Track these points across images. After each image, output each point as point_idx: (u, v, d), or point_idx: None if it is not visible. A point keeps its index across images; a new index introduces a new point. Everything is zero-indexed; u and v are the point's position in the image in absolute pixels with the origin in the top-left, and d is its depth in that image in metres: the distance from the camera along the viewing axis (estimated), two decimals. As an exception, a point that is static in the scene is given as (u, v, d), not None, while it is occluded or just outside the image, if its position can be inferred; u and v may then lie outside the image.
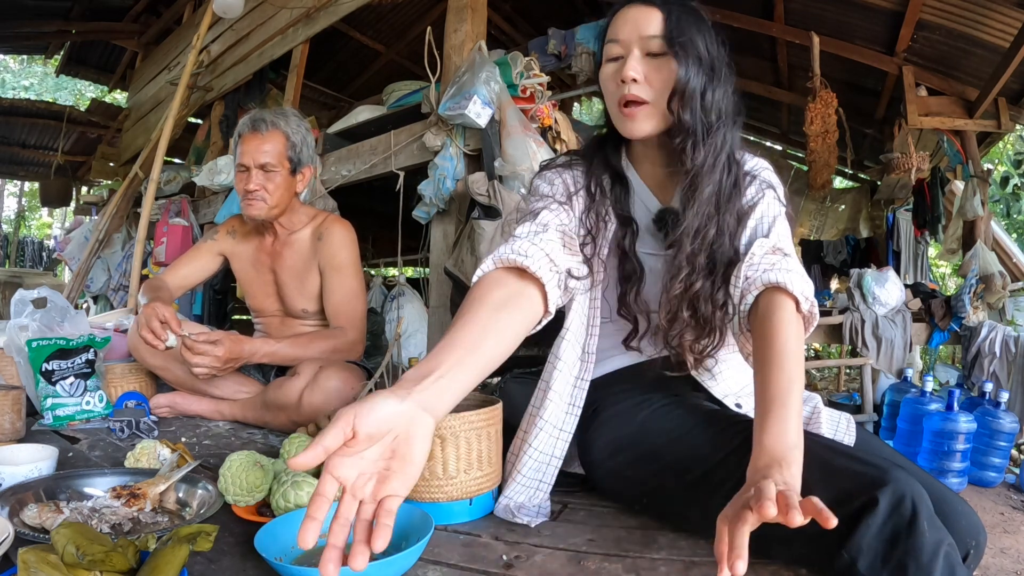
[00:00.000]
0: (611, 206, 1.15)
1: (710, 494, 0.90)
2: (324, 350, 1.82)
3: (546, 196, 1.15)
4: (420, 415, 0.70)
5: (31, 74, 14.41)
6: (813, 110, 4.17)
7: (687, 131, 1.04)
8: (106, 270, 4.54)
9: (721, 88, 1.07)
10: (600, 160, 1.18)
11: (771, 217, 1.11)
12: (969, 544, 0.87)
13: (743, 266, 1.03)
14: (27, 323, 1.82)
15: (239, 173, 1.88)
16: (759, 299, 1.00)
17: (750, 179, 1.13)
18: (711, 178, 1.06)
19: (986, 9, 3.61)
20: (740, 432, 0.94)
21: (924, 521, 0.73)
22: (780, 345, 0.91)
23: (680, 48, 1.02)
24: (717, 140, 1.06)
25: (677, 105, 1.04)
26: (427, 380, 0.73)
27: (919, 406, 1.90)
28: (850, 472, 0.81)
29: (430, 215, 2.67)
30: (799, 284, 0.97)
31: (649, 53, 1.05)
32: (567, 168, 1.20)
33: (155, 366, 1.91)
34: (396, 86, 3.27)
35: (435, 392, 0.73)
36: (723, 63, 1.08)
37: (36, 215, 14.90)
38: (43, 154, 7.61)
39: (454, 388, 0.76)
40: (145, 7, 5.75)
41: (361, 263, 2.03)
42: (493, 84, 2.42)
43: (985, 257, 3.87)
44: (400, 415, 0.68)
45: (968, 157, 4.27)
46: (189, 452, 1.32)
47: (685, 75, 1.02)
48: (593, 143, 1.24)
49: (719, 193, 1.07)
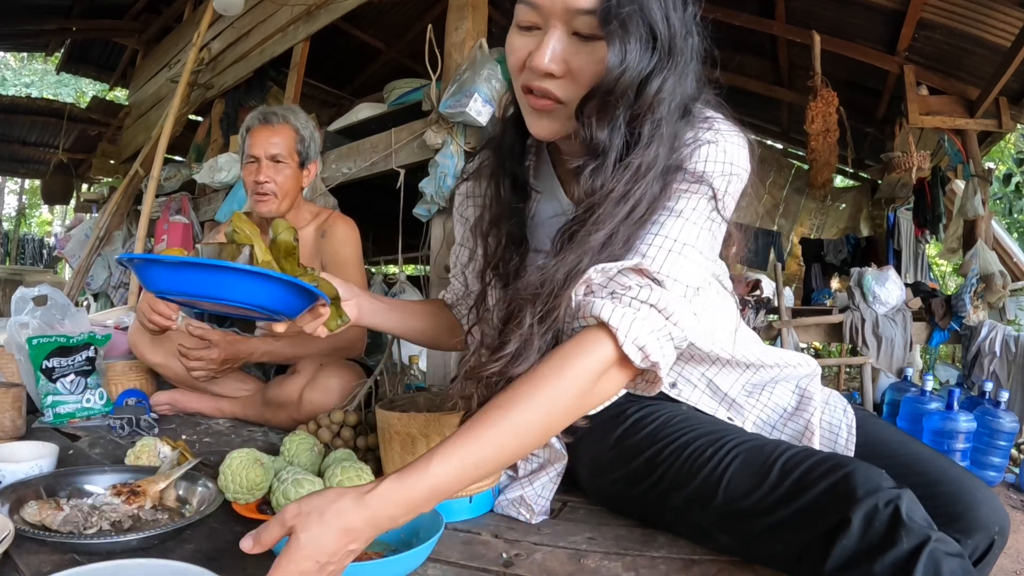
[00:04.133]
0: (502, 225, 0.95)
1: (701, 509, 0.88)
2: (324, 348, 1.82)
3: (459, 222, 1.17)
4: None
5: (32, 72, 14.39)
6: (814, 109, 4.17)
7: (596, 151, 0.78)
8: (107, 268, 4.54)
9: (675, 79, 0.79)
10: (496, 161, 0.98)
11: (673, 217, 0.82)
12: (992, 531, 0.83)
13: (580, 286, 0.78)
14: (28, 321, 1.82)
15: (248, 165, 1.89)
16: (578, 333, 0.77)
17: (686, 178, 0.83)
18: (615, 209, 0.78)
19: (987, 8, 3.60)
20: (730, 443, 0.89)
21: (900, 531, 0.69)
22: (543, 392, 0.72)
23: (620, 27, 0.72)
24: (641, 159, 0.78)
25: (592, 113, 0.77)
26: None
27: (919, 405, 1.90)
28: (822, 486, 0.76)
29: (431, 213, 2.67)
30: (635, 329, 0.74)
31: (576, 33, 0.77)
32: (476, 177, 1.06)
33: (155, 363, 1.90)
34: (397, 84, 3.27)
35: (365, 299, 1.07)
36: (687, 39, 0.79)
37: (37, 213, 14.90)
38: (44, 152, 7.61)
39: (373, 300, 1.10)
40: (146, 5, 5.74)
41: (363, 260, 2.03)
42: (494, 82, 2.42)
43: (985, 256, 3.87)
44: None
45: (969, 156, 4.27)
46: (189, 450, 1.32)
47: (620, 65, 0.73)
48: (500, 129, 0.99)
49: (627, 214, 0.79)
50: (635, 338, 0.74)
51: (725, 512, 0.85)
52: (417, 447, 1.11)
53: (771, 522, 0.80)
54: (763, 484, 0.81)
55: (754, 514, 0.81)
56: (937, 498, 0.80)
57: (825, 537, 0.73)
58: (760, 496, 0.81)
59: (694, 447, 0.90)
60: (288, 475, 1.08)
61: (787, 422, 1.05)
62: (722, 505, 0.84)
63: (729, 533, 0.87)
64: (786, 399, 1.07)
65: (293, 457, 1.23)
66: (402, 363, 1.68)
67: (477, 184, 1.06)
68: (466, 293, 1.13)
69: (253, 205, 1.90)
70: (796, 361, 1.06)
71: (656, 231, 0.81)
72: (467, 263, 1.14)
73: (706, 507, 0.87)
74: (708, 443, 0.90)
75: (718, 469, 0.86)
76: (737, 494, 0.83)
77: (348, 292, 1.03)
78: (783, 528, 0.79)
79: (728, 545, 0.90)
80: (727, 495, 0.84)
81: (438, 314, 1.21)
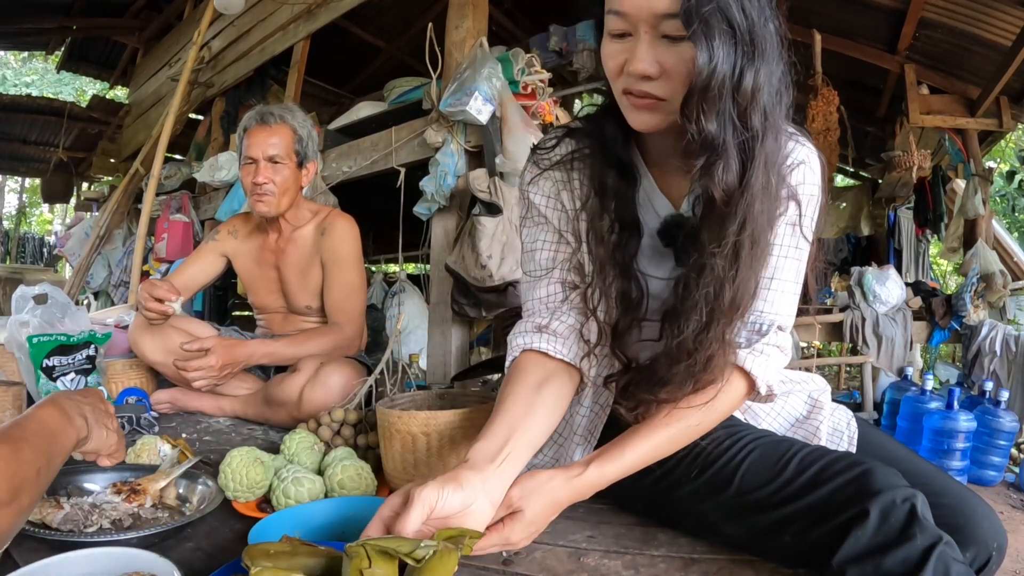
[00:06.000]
0: (613, 209, 0.94)
1: (712, 500, 0.90)
2: (322, 347, 1.82)
3: (540, 223, 1.02)
4: (484, 505, 0.77)
5: (32, 70, 14.39)
6: (814, 108, 4.17)
7: (714, 146, 0.78)
8: (107, 266, 4.54)
9: (766, 68, 0.78)
10: (599, 148, 0.96)
11: (783, 253, 0.90)
12: (991, 548, 0.84)
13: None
14: (28, 319, 1.82)
15: (246, 166, 1.88)
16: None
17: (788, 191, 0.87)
18: (748, 211, 0.80)
19: (988, 8, 3.60)
20: (746, 436, 0.93)
21: (915, 527, 0.71)
22: (682, 423, 0.87)
23: (703, 27, 0.73)
24: (760, 151, 0.79)
25: (695, 109, 0.76)
26: (497, 462, 0.81)
27: (919, 404, 1.90)
28: (840, 481, 0.79)
29: (431, 211, 2.68)
30: (767, 371, 0.89)
31: (665, 35, 0.78)
32: (565, 166, 1.00)
33: (156, 362, 1.90)
34: (397, 82, 3.27)
35: (500, 477, 0.81)
36: (767, 25, 0.78)
37: (37, 211, 14.89)
38: (44, 150, 7.60)
39: (514, 472, 0.83)
40: (146, 3, 5.74)
41: (363, 259, 2.03)
42: (494, 80, 2.42)
43: (986, 256, 3.87)
44: (469, 505, 0.75)
45: (969, 156, 4.27)
46: (190, 448, 1.32)
47: (709, 63, 0.74)
48: (596, 118, 0.98)
49: (755, 225, 0.81)
50: (767, 380, 0.89)
51: (737, 504, 0.87)
52: (417, 445, 1.11)
53: (784, 514, 0.82)
54: (779, 477, 0.84)
55: (767, 506, 0.84)
56: (938, 509, 0.80)
57: (838, 530, 0.75)
58: (775, 488, 0.84)
59: (712, 438, 0.93)
60: (288, 473, 1.08)
61: (797, 430, 1.09)
62: (734, 497, 0.87)
63: (737, 525, 0.88)
64: (799, 408, 1.11)
65: (293, 455, 1.24)
66: (402, 361, 1.68)
67: (565, 179, 1.00)
68: (565, 296, 1.01)
69: (252, 205, 1.90)
70: (809, 379, 1.13)
71: (771, 274, 0.89)
72: (570, 256, 1.01)
73: (717, 498, 0.88)
74: (726, 435, 0.93)
75: (734, 461, 0.89)
76: (751, 486, 0.86)
77: (480, 503, 0.78)
78: (795, 520, 0.81)
79: (734, 537, 0.91)
80: (741, 487, 0.86)
81: (553, 382, 0.95)
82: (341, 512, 0.99)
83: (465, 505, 0.74)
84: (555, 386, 0.93)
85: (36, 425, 0.75)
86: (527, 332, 0.98)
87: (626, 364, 0.95)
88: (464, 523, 0.74)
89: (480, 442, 0.83)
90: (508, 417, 0.87)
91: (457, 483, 0.74)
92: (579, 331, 0.97)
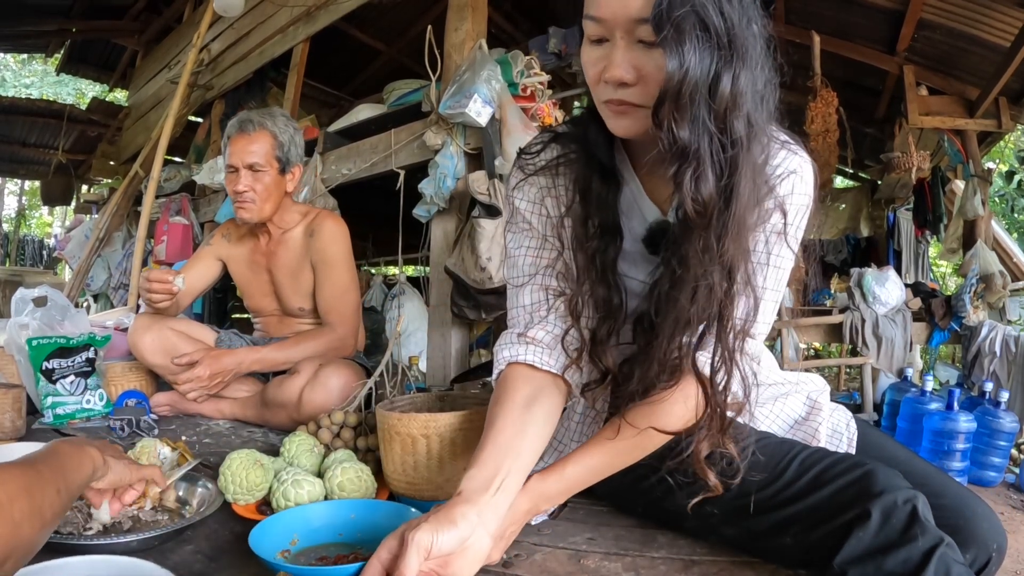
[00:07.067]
0: (594, 213, 0.92)
1: (711, 502, 0.89)
2: (314, 349, 1.83)
3: (524, 229, 1.00)
4: (482, 538, 0.75)
5: (31, 73, 14.40)
6: (814, 109, 4.17)
7: (685, 155, 0.75)
8: (106, 268, 4.54)
9: (748, 71, 0.75)
10: (583, 152, 0.94)
11: (765, 257, 0.87)
12: (991, 548, 0.85)
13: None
14: (27, 321, 1.82)
15: (228, 174, 1.89)
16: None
17: (772, 195, 0.85)
18: (728, 220, 0.77)
19: (987, 8, 3.60)
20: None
21: (917, 528, 0.72)
22: (630, 432, 0.87)
23: (674, 32, 0.71)
24: (746, 159, 0.76)
25: (667, 116, 0.74)
26: (491, 492, 0.79)
27: (919, 405, 1.90)
28: (841, 482, 0.79)
29: (430, 214, 2.67)
30: (727, 379, 0.83)
31: (641, 40, 0.77)
32: (550, 171, 0.99)
33: (155, 364, 1.90)
34: (396, 84, 3.27)
35: (495, 507, 0.78)
36: (750, 27, 0.75)
37: (36, 213, 14.89)
38: (43, 152, 7.60)
39: (508, 499, 0.82)
40: (145, 5, 5.74)
41: (354, 259, 2.03)
42: (494, 83, 2.42)
43: (985, 257, 3.87)
44: (465, 540, 0.73)
45: (969, 156, 4.27)
46: (189, 450, 1.32)
47: (680, 68, 0.71)
48: (580, 122, 0.97)
49: (737, 234, 0.79)
50: (730, 387, 0.84)
51: (737, 505, 0.87)
52: (417, 448, 1.11)
53: (785, 516, 0.82)
54: (780, 479, 0.84)
55: (768, 508, 0.84)
56: (938, 510, 0.81)
57: (839, 531, 0.75)
58: (776, 490, 0.84)
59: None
60: (288, 476, 1.08)
61: (796, 431, 1.09)
62: (735, 499, 0.86)
63: (737, 527, 0.88)
64: (798, 409, 1.11)
65: (293, 458, 1.23)
66: (402, 363, 1.68)
67: (549, 185, 0.99)
68: (549, 304, 0.99)
69: (236, 213, 1.91)
70: (808, 379, 1.12)
71: (751, 282, 0.84)
72: (554, 261, 0.99)
73: (717, 500, 0.88)
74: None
75: (734, 462, 0.88)
76: (752, 488, 0.85)
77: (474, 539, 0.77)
78: (796, 522, 0.81)
79: (734, 539, 0.91)
80: (741, 489, 0.86)
81: (541, 397, 0.94)
82: (341, 514, 0.99)
83: (462, 541, 0.72)
84: (544, 402, 0.92)
85: (44, 452, 0.76)
86: (512, 344, 0.97)
87: (604, 372, 0.94)
88: (463, 558, 0.73)
89: (473, 470, 0.81)
90: (499, 440, 0.85)
91: (451, 522, 0.72)
92: (561, 344, 0.96)
